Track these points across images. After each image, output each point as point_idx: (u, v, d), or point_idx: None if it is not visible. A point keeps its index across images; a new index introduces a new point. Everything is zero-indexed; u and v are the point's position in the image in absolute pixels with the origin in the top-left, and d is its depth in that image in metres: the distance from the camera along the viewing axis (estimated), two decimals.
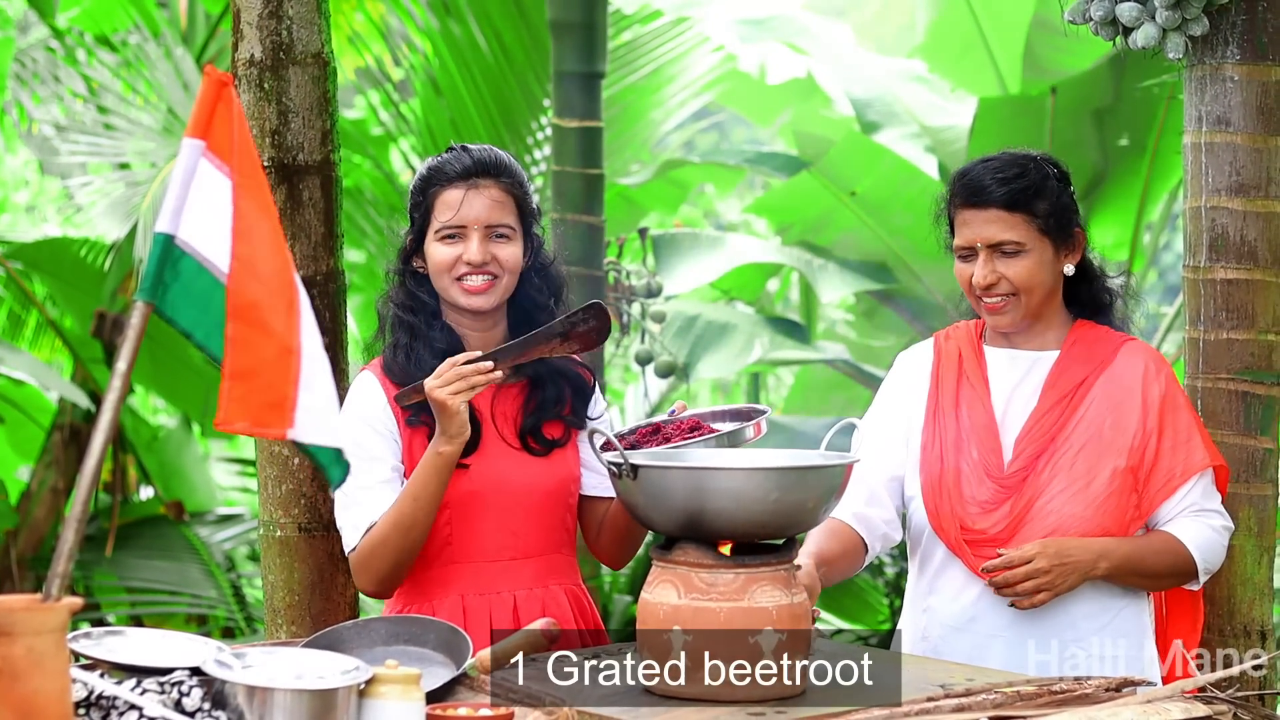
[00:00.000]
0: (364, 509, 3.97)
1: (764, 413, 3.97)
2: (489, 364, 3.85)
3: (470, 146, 4.14)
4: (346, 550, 4.02)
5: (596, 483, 4.17)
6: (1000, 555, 4.07)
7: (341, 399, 4.14)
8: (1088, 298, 4.27)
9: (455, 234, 4.05)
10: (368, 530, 3.95)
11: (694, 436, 3.91)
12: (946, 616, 4.22)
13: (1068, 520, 4.10)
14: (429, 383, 3.86)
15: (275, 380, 2.90)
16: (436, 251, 4.07)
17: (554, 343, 3.91)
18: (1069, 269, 4.20)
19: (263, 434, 2.94)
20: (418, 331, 4.10)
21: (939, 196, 4.30)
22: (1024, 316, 4.18)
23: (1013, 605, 4.08)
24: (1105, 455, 4.12)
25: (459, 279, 4.05)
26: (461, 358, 3.87)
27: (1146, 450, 4.12)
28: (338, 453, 2.95)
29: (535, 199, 4.19)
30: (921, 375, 4.39)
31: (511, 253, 4.08)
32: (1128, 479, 4.11)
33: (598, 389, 4.27)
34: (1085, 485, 4.11)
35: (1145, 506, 4.14)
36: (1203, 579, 4.17)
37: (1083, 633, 4.12)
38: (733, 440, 3.88)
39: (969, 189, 4.18)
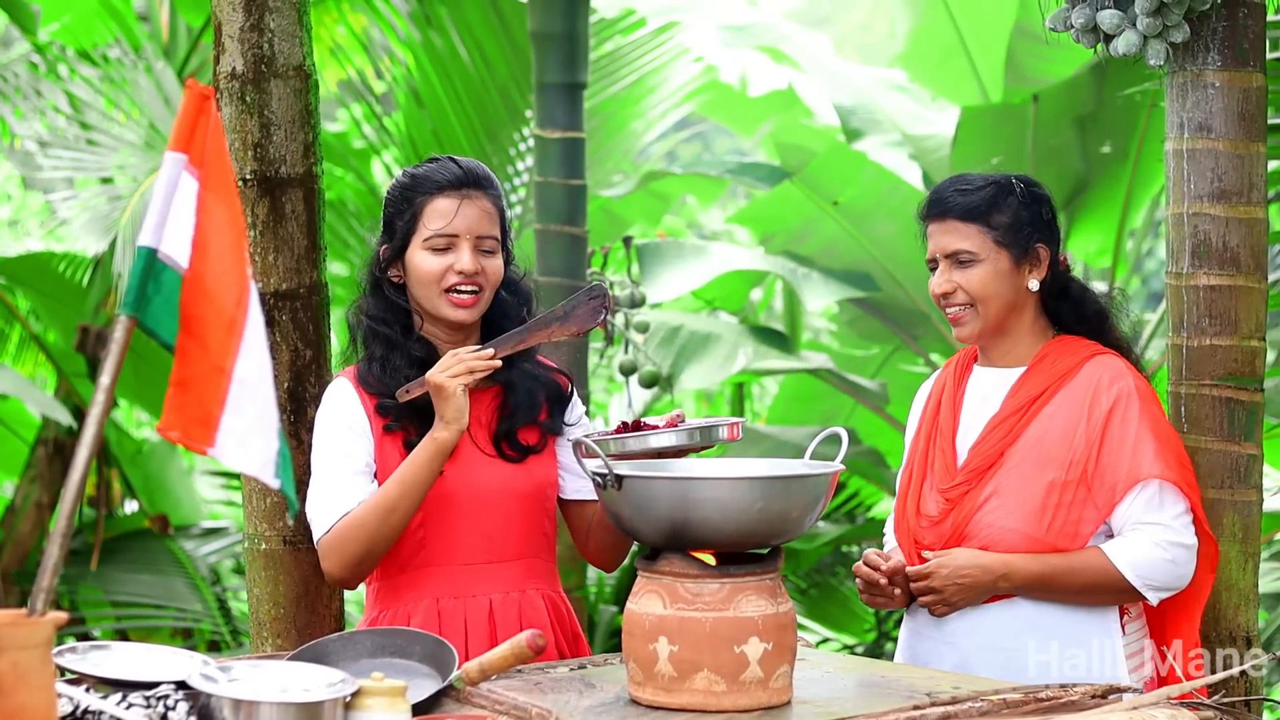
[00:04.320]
0: (336, 500, 3.97)
1: (740, 420, 3.98)
2: (489, 351, 3.89)
3: (458, 158, 4.13)
4: (316, 537, 4.01)
5: (579, 486, 4.18)
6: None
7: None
8: (1070, 316, 4.29)
9: (446, 244, 4.04)
10: (344, 515, 3.95)
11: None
12: (915, 622, 4.30)
13: (1000, 534, 4.13)
14: (430, 372, 3.90)
15: (204, 396, 2.90)
16: (424, 261, 4.05)
17: (553, 326, 3.94)
18: (1033, 284, 4.23)
19: (190, 446, 2.94)
20: (394, 343, 4.09)
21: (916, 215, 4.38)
22: (985, 328, 4.23)
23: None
24: (1046, 468, 4.13)
25: (448, 290, 4.05)
26: (463, 350, 3.90)
27: (1088, 462, 4.12)
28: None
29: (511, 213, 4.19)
30: (920, 402, 4.49)
31: (496, 265, 4.08)
32: (1072, 491, 4.12)
33: (575, 394, 4.27)
34: (1020, 499, 4.13)
35: (1099, 517, 4.13)
36: (1153, 595, 4.10)
37: (1041, 639, 4.12)
38: (705, 436, 3.88)
39: (932, 203, 4.29)
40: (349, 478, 3.99)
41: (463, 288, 4.04)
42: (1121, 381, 4.17)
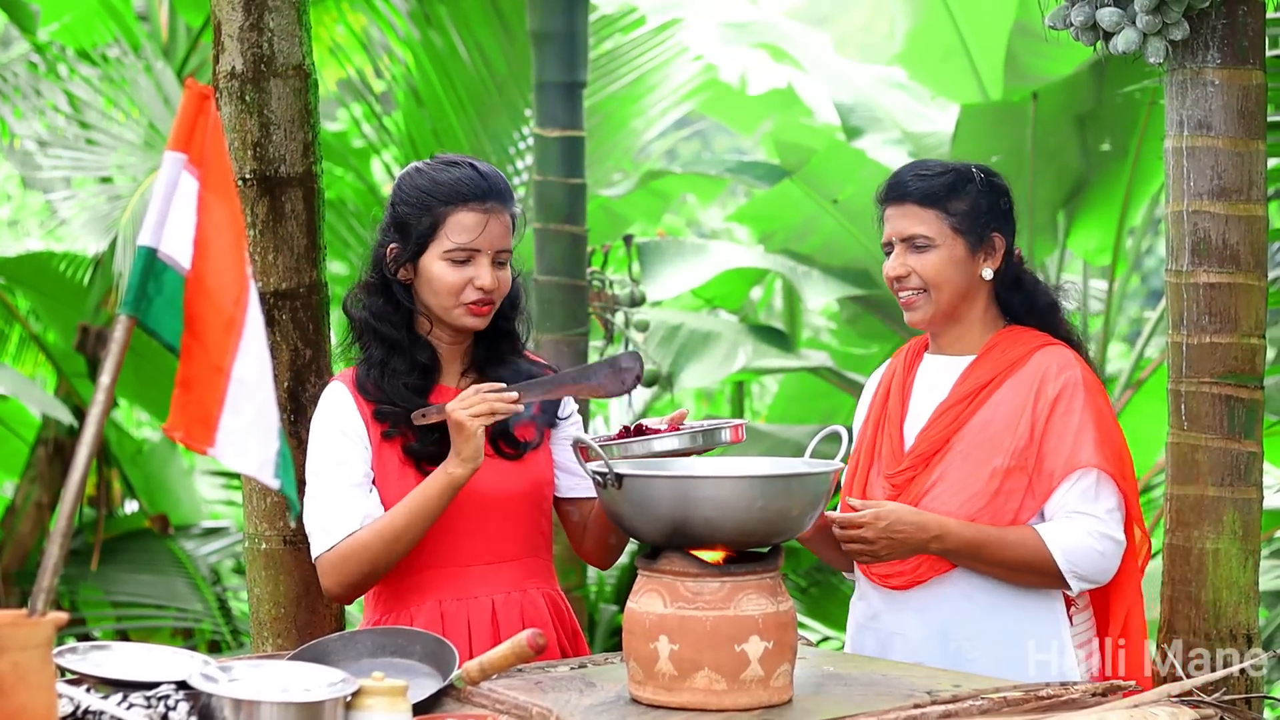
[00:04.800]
0: (335, 514, 3.96)
1: (743, 422, 3.99)
2: (513, 395, 3.86)
3: (477, 164, 4.08)
4: (315, 552, 3.99)
5: (574, 484, 4.18)
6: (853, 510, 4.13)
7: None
8: (1022, 307, 4.30)
9: (467, 257, 4.01)
10: (347, 536, 3.94)
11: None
12: (858, 613, 4.32)
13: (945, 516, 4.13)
14: (451, 405, 3.86)
15: (204, 396, 2.90)
16: (443, 272, 4.01)
17: (581, 384, 3.92)
18: (987, 273, 4.24)
19: (192, 446, 2.93)
20: (397, 345, 4.07)
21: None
22: (937, 313, 4.26)
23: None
24: (992, 455, 4.15)
25: (466, 302, 4.03)
26: (486, 386, 3.87)
27: (1030, 449, 4.13)
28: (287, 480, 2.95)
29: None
30: (870, 390, 4.50)
31: (508, 275, 4.07)
32: (1013, 478, 4.13)
33: None
34: (965, 484, 4.14)
35: (1036, 505, 4.13)
36: (1075, 585, 4.11)
37: (985, 630, 4.13)
38: (707, 439, 3.88)
39: (890, 187, 4.31)
40: (347, 490, 3.97)
41: (479, 301, 4.03)
42: (1069, 372, 4.18)
